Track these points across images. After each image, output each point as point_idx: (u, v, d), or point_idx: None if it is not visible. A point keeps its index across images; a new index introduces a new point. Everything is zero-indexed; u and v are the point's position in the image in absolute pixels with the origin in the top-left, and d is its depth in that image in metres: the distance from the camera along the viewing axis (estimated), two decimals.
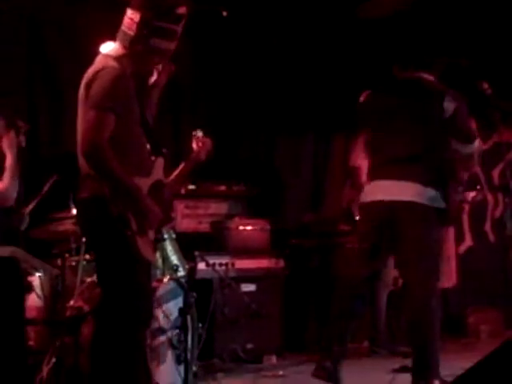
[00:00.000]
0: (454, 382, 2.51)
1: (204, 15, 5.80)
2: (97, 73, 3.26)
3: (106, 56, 3.36)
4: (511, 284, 7.07)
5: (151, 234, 3.37)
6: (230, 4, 6.09)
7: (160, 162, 3.55)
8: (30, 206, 4.44)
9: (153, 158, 3.52)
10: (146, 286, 3.38)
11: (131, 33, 3.34)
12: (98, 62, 3.35)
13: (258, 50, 6.58)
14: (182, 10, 3.40)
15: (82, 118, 3.28)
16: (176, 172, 3.76)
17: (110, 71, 3.24)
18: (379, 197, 4.29)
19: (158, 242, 3.54)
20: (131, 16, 3.34)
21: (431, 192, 4.23)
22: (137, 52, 3.36)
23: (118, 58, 3.33)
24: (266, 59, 6.61)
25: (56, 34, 5.80)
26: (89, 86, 3.25)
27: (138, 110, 3.39)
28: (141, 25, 3.31)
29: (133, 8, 3.35)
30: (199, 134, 3.91)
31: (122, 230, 3.21)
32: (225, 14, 6.35)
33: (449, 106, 4.30)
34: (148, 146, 3.51)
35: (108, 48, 3.42)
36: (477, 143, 4.46)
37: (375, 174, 4.37)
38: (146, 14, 3.31)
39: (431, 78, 4.43)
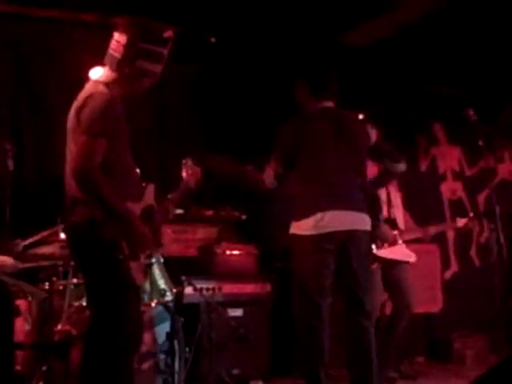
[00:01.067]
0: None
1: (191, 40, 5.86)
2: (87, 98, 3.29)
3: (96, 82, 3.40)
4: (497, 309, 7.12)
5: (143, 259, 3.36)
6: (216, 28, 6.14)
7: (151, 188, 3.58)
8: (27, 241, 4.38)
9: (144, 183, 3.55)
10: (136, 310, 3.37)
11: (118, 55, 3.39)
12: (87, 88, 3.38)
13: (246, 74, 6.58)
14: (168, 34, 3.45)
15: (74, 144, 3.29)
16: (167, 199, 3.78)
17: (100, 97, 3.28)
18: (341, 227, 4.23)
19: (149, 267, 3.55)
20: (118, 39, 3.39)
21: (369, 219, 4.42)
22: (125, 75, 3.40)
23: (107, 84, 3.37)
24: (253, 88, 6.60)
25: (43, 60, 5.83)
26: (79, 111, 3.28)
27: (128, 134, 3.42)
28: (127, 47, 3.36)
29: (119, 31, 3.40)
30: (189, 162, 3.95)
31: (115, 255, 3.21)
32: (213, 40, 6.39)
33: (372, 132, 4.56)
34: (138, 172, 3.54)
35: (97, 73, 3.46)
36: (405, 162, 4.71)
37: (323, 203, 4.25)
38: (132, 36, 3.36)
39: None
